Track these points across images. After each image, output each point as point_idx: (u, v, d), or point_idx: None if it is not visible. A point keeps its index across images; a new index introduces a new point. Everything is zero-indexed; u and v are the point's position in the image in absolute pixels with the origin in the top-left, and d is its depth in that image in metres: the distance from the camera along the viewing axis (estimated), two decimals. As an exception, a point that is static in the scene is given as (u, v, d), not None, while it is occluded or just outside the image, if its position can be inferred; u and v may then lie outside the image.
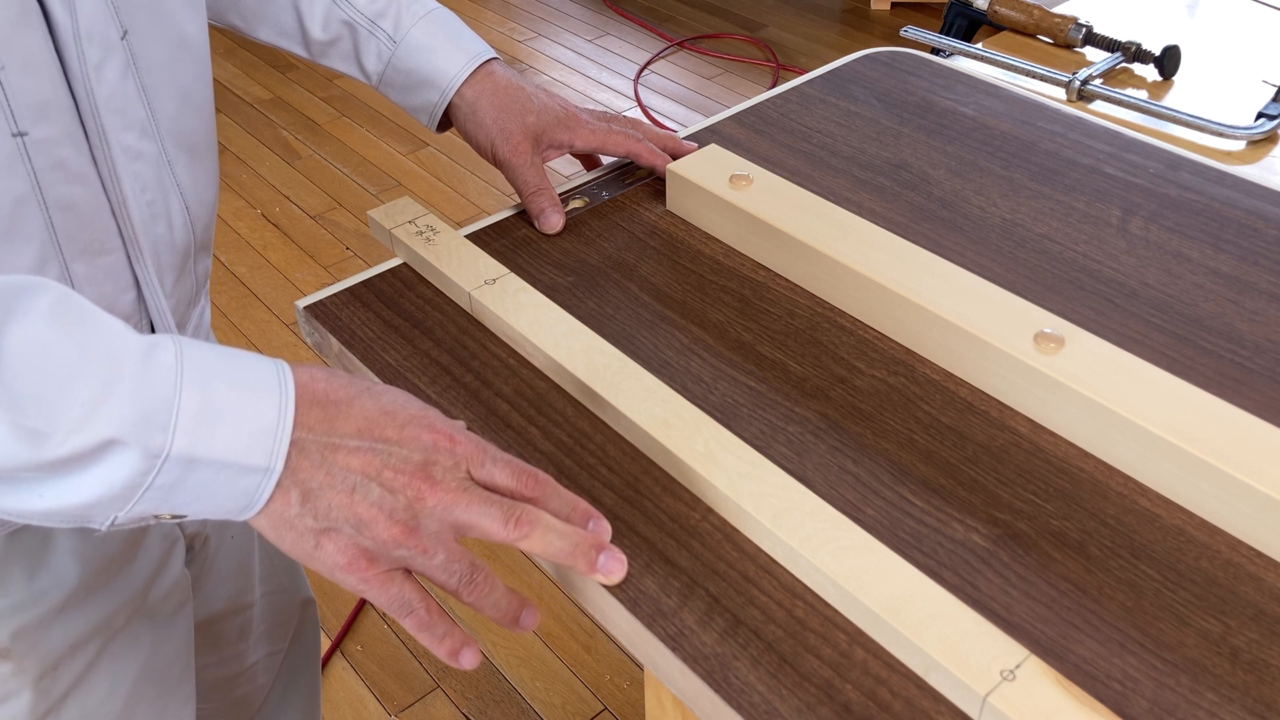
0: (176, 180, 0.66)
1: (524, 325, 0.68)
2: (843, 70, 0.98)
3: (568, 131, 0.81)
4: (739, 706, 0.49)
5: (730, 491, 0.56)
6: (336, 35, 0.82)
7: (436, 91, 0.81)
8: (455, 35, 0.82)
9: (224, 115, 2.83)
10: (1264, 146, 1.18)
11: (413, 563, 0.50)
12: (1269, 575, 0.54)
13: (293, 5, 0.81)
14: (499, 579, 0.52)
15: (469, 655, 0.53)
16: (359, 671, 1.54)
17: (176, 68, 0.65)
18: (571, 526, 0.53)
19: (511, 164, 0.80)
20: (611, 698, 1.50)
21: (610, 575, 0.54)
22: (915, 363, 0.67)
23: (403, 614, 0.51)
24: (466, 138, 0.82)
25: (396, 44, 0.80)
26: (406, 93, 0.82)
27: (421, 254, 0.74)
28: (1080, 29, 1.35)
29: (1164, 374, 0.60)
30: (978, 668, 0.48)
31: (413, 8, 0.81)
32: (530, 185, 0.80)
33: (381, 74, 0.82)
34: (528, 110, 0.81)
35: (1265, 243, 0.76)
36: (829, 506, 0.56)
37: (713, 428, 0.60)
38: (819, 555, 0.53)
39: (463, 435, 0.52)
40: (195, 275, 0.71)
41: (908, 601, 0.51)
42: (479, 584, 0.51)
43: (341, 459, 0.49)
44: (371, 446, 0.50)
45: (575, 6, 3.40)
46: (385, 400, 0.52)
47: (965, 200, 0.81)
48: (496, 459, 0.53)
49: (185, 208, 0.67)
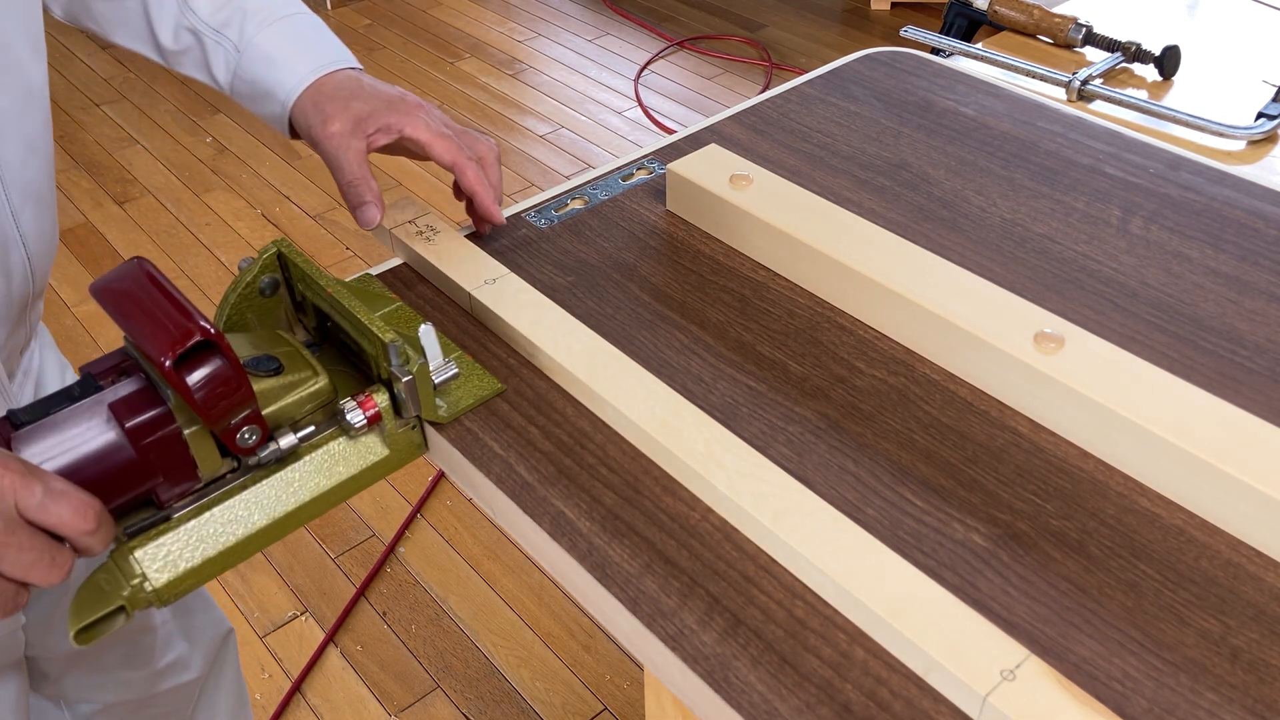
0: (20, 232, 0.64)
1: (524, 325, 0.67)
2: (843, 70, 0.98)
3: (398, 116, 0.73)
4: (739, 706, 0.49)
5: (730, 491, 0.56)
6: (186, 45, 0.78)
7: (277, 103, 0.76)
8: (304, 44, 0.77)
9: (224, 115, 2.83)
10: (1264, 146, 1.18)
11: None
12: (1269, 575, 0.54)
13: (143, 11, 0.78)
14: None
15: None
16: (359, 671, 1.54)
17: (23, 117, 0.64)
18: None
19: (326, 148, 0.73)
20: (611, 698, 1.50)
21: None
22: (915, 363, 0.67)
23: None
24: (303, 138, 0.77)
25: (240, 53, 0.76)
26: (254, 103, 0.78)
27: (421, 254, 0.74)
28: (1080, 29, 1.35)
29: (1164, 374, 0.60)
30: (978, 668, 0.48)
31: (259, 15, 0.77)
32: (345, 173, 0.73)
33: (230, 84, 0.78)
34: (355, 96, 0.74)
35: (1265, 243, 0.75)
36: (829, 506, 0.56)
37: (713, 427, 0.60)
38: (819, 555, 0.53)
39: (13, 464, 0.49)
40: (29, 323, 0.70)
41: (908, 601, 0.51)
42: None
43: None
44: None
45: (575, 6, 3.40)
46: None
47: (965, 200, 0.81)
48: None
49: (27, 259, 0.65)
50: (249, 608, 1.64)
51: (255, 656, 1.57)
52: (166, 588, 0.55)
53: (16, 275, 0.65)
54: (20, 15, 0.65)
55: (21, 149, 0.63)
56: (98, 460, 0.52)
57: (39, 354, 0.78)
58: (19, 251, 0.65)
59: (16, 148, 0.63)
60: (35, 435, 0.52)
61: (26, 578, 0.49)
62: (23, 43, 0.65)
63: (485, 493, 0.62)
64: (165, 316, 0.51)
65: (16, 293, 0.66)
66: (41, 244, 0.67)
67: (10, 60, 0.62)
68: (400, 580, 1.67)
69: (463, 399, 0.65)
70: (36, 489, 0.48)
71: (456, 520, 1.76)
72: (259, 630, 1.60)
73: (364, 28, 3.27)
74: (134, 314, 0.52)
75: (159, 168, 2.65)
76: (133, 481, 0.54)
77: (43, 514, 0.48)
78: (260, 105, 0.78)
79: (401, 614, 1.62)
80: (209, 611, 1.01)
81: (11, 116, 0.62)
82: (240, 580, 1.68)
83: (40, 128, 0.66)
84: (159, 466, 0.54)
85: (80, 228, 2.44)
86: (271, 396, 0.58)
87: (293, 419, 0.59)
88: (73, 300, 2.23)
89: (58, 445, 0.52)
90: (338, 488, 0.60)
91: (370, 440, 0.62)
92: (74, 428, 0.53)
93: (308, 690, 1.52)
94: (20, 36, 0.65)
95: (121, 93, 2.95)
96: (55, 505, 0.49)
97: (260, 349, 0.60)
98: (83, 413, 0.53)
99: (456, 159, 0.74)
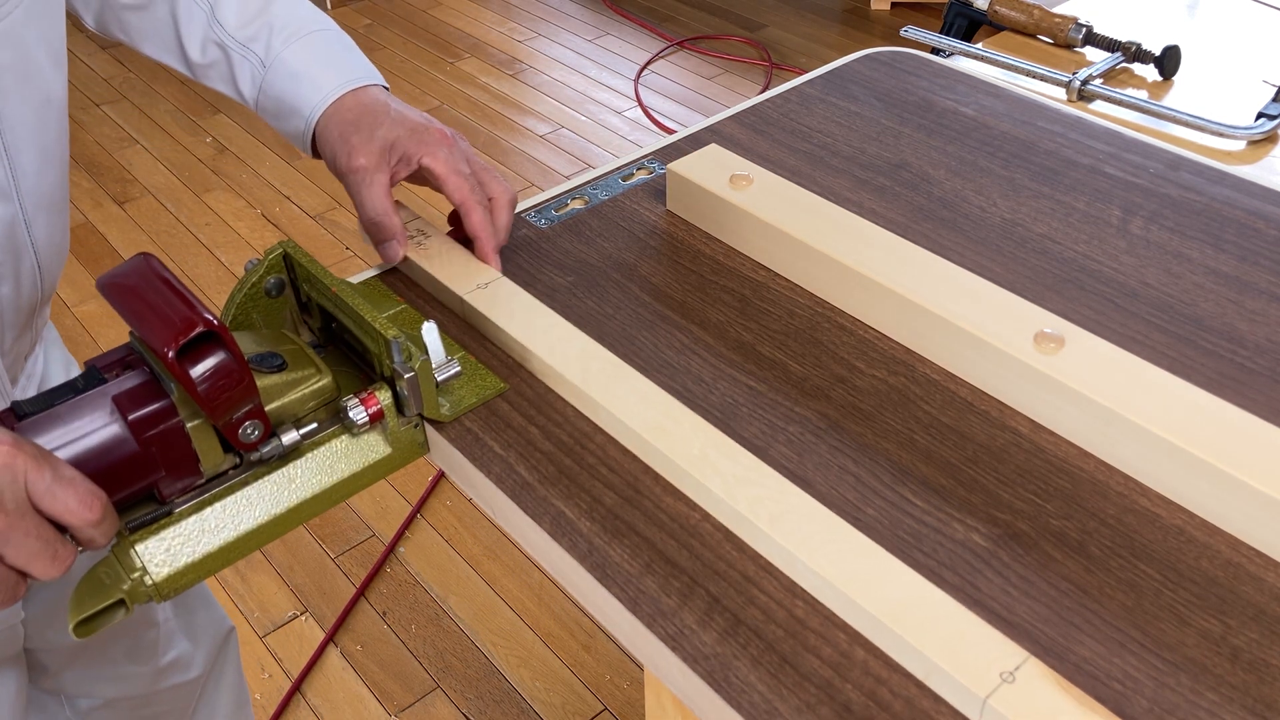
0: (32, 240, 0.64)
1: (517, 330, 0.67)
2: (843, 70, 0.98)
3: (418, 145, 0.72)
4: (739, 706, 0.49)
5: (727, 495, 0.56)
6: (213, 59, 0.78)
7: (301, 120, 0.75)
8: (330, 60, 0.76)
9: (224, 115, 2.83)
10: (1264, 146, 1.18)
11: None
12: (1269, 575, 0.54)
13: (173, 23, 0.78)
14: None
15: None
16: (359, 671, 1.54)
17: (40, 126, 0.64)
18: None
19: (350, 182, 0.72)
20: (611, 698, 1.50)
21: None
22: (915, 363, 0.67)
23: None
24: (327, 165, 0.76)
25: (266, 69, 0.76)
26: (279, 120, 0.77)
27: (413, 258, 0.73)
28: (1080, 29, 1.35)
29: (1164, 374, 0.60)
30: (977, 670, 0.48)
31: (286, 31, 0.76)
32: (368, 211, 0.71)
33: (256, 100, 0.77)
34: (379, 123, 0.72)
35: (1265, 243, 0.75)
36: (826, 510, 0.55)
37: (709, 431, 0.60)
38: (816, 559, 0.53)
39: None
40: (35, 329, 0.71)
41: (907, 605, 0.51)
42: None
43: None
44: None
45: (575, 6, 3.40)
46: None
47: (965, 200, 0.81)
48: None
49: (37, 266, 0.65)
50: (249, 607, 1.64)
51: (255, 656, 1.57)
52: (166, 582, 0.55)
53: (26, 282, 0.65)
54: (44, 27, 0.65)
55: (38, 158, 0.63)
56: (100, 453, 0.52)
57: (43, 357, 0.78)
58: (30, 259, 0.65)
59: (33, 157, 0.63)
60: (39, 427, 0.52)
61: (28, 568, 0.49)
62: (44, 54, 0.65)
63: (485, 493, 0.62)
64: (169, 308, 0.51)
65: (25, 300, 0.66)
66: (52, 252, 0.67)
67: (32, 70, 0.62)
68: (400, 580, 1.67)
69: (465, 398, 0.65)
70: (46, 473, 0.48)
71: (456, 520, 1.76)
72: (259, 630, 1.60)
73: (364, 28, 3.27)
74: (138, 307, 0.52)
75: (159, 168, 2.65)
76: (135, 475, 0.54)
77: (50, 499, 0.48)
78: (284, 122, 0.77)
79: (401, 614, 1.62)
80: (210, 610, 1.01)
81: (30, 126, 0.63)
82: (240, 580, 1.68)
83: (57, 138, 0.66)
84: (161, 460, 0.54)
85: (80, 228, 2.44)
86: (274, 392, 0.58)
87: (295, 416, 0.59)
88: (73, 300, 2.23)
89: (61, 437, 0.52)
90: (339, 485, 0.61)
91: (372, 438, 0.62)
92: (77, 420, 0.53)
93: (308, 690, 1.52)
94: (42, 48, 0.65)
95: (121, 93, 2.95)
96: (63, 491, 0.49)
97: (264, 347, 0.60)
98: (86, 405, 0.53)
99: (465, 200, 0.72)
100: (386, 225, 0.72)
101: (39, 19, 0.64)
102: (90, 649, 0.87)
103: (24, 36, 0.63)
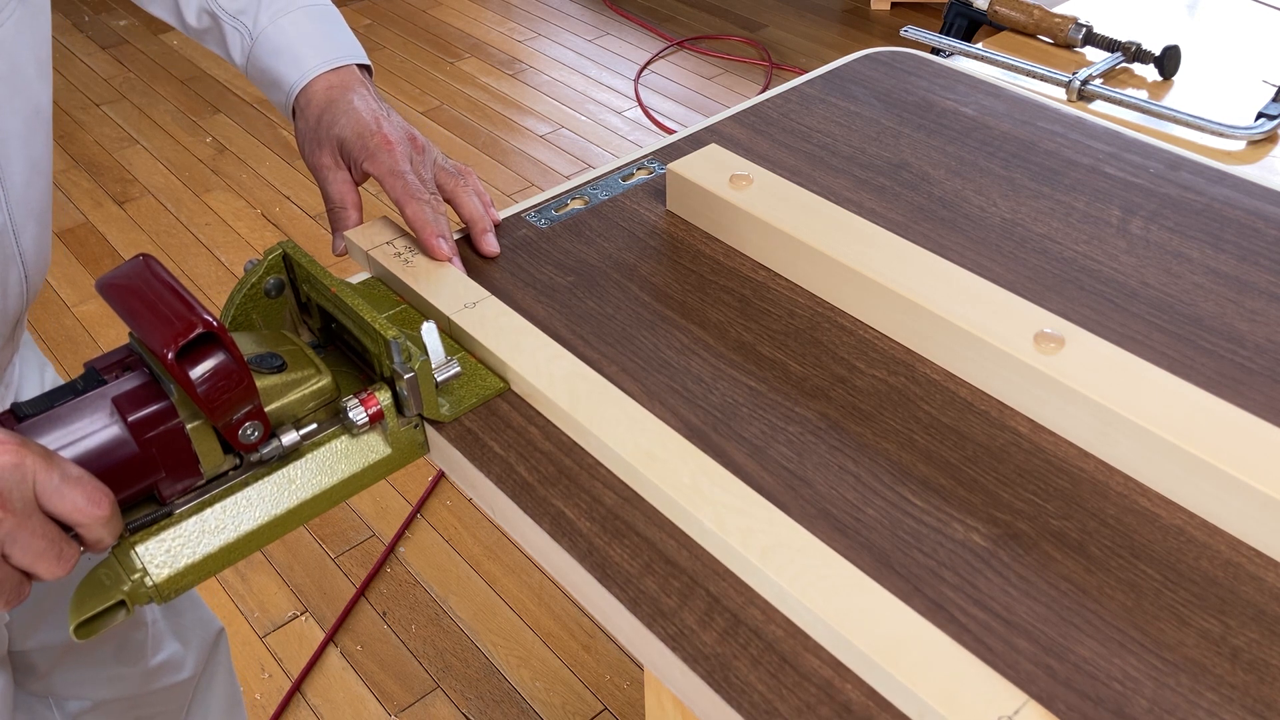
0: (20, 250, 0.65)
1: (505, 351, 0.66)
2: (843, 70, 0.98)
3: (361, 150, 0.73)
4: (739, 706, 0.49)
5: (717, 527, 0.55)
6: (207, 26, 0.81)
7: (283, 94, 0.78)
8: (314, 36, 0.78)
9: (224, 115, 2.83)
10: (1264, 146, 1.18)
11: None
12: (1269, 575, 0.54)
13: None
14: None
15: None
16: (359, 671, 1.54)
17: (30, 137, 0.64)
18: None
19: (316, 173, 0.76)
20: (611, 698, 1.50)
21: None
22: (915, 363, 0.67)
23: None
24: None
25: (254, 41, 0.78)
26: (266, 90, 0.81)
27: (399, 276, 0.72)
28: (1080, 29, 1.35)
29: (1164, 374, 0.60)
30: (974, 714, 0.46)
31: (274, 6, 0.78)
32: (331, 199, 0.74)
33: (245, 69, 0.80)
34: (336, 119, 0.75)
35: (1265, 243, 0.75)
36: (818, 541, 0.54)
37: (699, 458, 0.58)
38: (808, 594, 0.51)
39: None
40: (15, 339, 0.71)
41: (902, 643, 0.49)
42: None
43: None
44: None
45: (575, 6, 3.40)
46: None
47: (965, 200, 0.81)
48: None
49: (24, 277, 0.66)
50: (249, 608, 1.64)
51: (255, 656, 1.57)
52: (167, 583, 0.55)
53: (13, 293, 0.66)
54: (31, 38, 0.66)
55: (26, 169, 0.64)
56: (101, 454, 0.53)
57: (18, 366, 0.78)
58: (18, 269, 0.65)
59: (22, 168, 0.63)
60: (39, 428, 0.52)
61: (34, 567, 0.49)
62: (32, 65, 0.65)
63: (485, 493, 0.62)
64: (168, 309, 0.52)
65: (12, 310, 0.66)
66: (38, 262, 0.67)
67: (21, 82, 0.63)
68: (400, 580, 1.67)
69: (465, 398, 0.65)
70: (54, 472, 0.48)
71: (456, 520, 1.76)
72: (259, 630, 1.60)
73: (364, 28, 3.27)
74: (138, 308, 0.52)
75: (159, 168, 2.65)
76: (135, 476, 0.54)
77: (58, 498, 0.48)
78: (271, 93, 0.80)
79: (401, 614, 1.62)
80: (198, 611, 1.01)
81: (20, 138, 0.63)
82: (240, 580, 1.68)
83: (44, 148, 0.66)
84: (161, 461, 0.54)
85: (80, 228, 2.44)
86: (274, 393, 0.58)
87: (295, 416, 0.59)
88: (73, 300, 2.23)
89: (61, 438, 0.52)
90: (339, 486, 0.61)
91: (372, 439, 0.62)
92: (77, 421, 0.53)
93: (308, 690, 1.52)
94: (30, 59, 0.65)
95: (121, 93, 2.95)
96: (71, 490, 0.49)
97: (264, 347, 0.60)
98: (86, 406, 0.53)
99: (398, 197, 0.72)
100: (340, 217, 0.75)
101: (29, 31, 0.65)
102: (77, 650, 0.87)
103: (15, 48, 0.63)
